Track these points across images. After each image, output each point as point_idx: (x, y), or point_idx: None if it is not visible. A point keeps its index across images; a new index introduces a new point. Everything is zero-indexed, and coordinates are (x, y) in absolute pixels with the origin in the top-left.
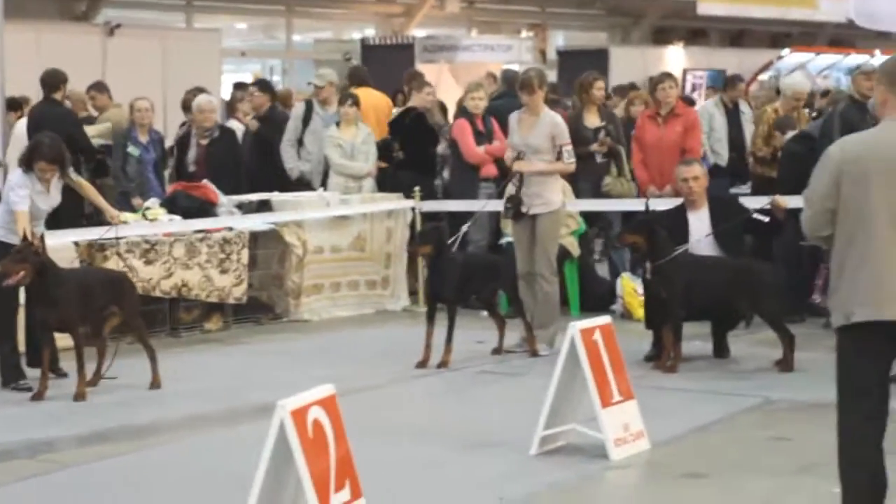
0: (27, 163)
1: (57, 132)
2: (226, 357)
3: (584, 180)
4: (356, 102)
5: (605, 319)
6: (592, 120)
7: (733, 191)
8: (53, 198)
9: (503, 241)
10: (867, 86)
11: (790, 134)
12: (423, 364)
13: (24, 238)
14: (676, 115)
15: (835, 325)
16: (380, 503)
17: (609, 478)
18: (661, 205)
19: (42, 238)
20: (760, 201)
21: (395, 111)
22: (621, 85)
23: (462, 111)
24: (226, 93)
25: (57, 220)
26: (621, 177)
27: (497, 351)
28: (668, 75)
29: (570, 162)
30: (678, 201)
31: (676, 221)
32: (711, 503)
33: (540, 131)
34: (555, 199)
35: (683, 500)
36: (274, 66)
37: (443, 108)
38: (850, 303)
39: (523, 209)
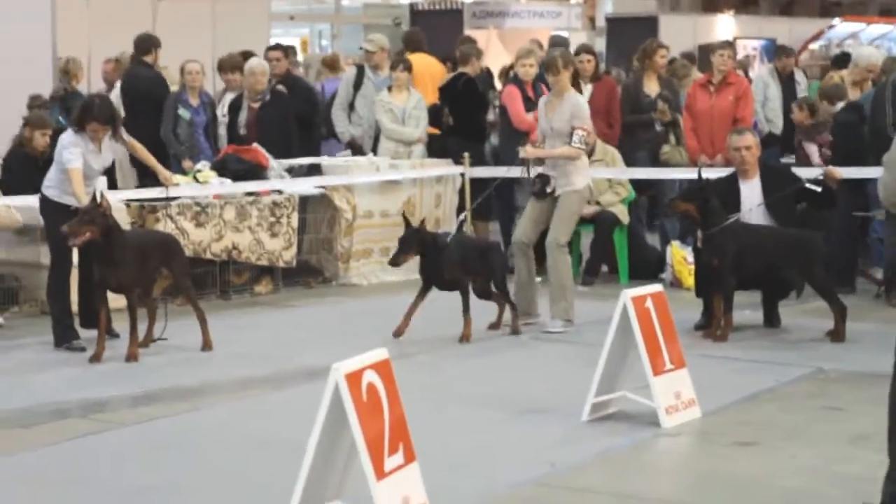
0: (79, 123)
1: (148, 95)
2: (276, 320)
3: (642, 148)
4: (408, 67)
5: (656, 287)
6: (652, 87)
7: (784, 160)
8: (106, 158)
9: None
10: None
11: (839, 105)
12: (398, 333)
13: (94, 199)
14: (729, 84)
15: None
16: (431, 467)
17: (660, 445)
18: (713, 173)
19: (105, 198)
20: (814, 171)
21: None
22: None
23: (512, 77)
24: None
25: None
26: (679, 146)
27: (495, 326)
28: (728, 43)
29: (576, 146)
30: (730, 170)
31: (728, 190)
32: (760, 471)
33: (562, 113)
34: (578, 181)
35: (733, 468)
36: (323, 30)
37: (489, 75)
38: None
39: (548, 189)
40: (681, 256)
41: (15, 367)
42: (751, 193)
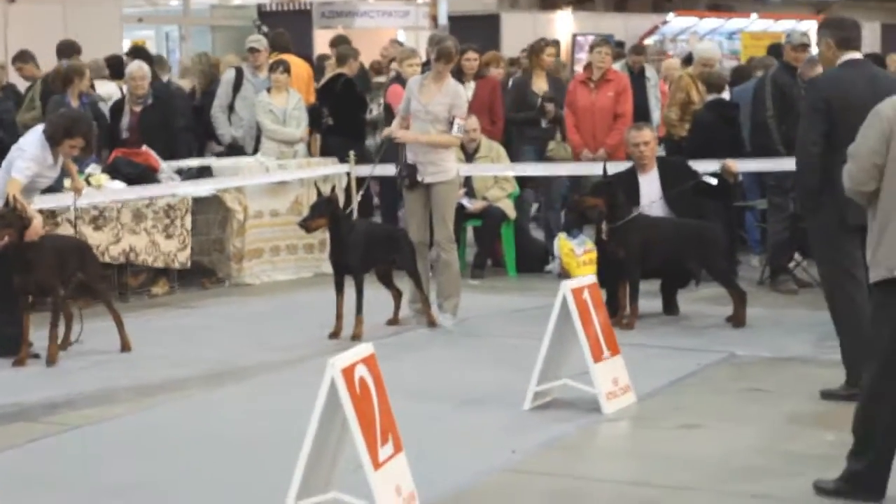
0: (65, 135)
1: None
2: (181, 321)
3: (529, 145)
4: (287, 69)
5: (591, 279)
6: (540, 85)
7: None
8: (56, 172)
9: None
10: (794, 56)
11: (712, 97)
12: (335, 335)
13: (7, 202)
14: (608, 80)
15: (874, 280)
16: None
17: (608, 430)
18: (596, 168)
19: (19, 201)
20: (711, 165)
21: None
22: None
23: (395, 77)
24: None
25: None
26: (565, 142)
27: (393, 322)
28: (604, 41)
29: (457, 135)
30: (619, 165)
31: (628, 184)
32: (712, 451)
33: (442, 100)
34: (450, 167)
35: (686, 450)
36: (169, 31)
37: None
38: (893, 257)
39: (419, 178)
40: (568, 248)
41: None
42: (650, 187)
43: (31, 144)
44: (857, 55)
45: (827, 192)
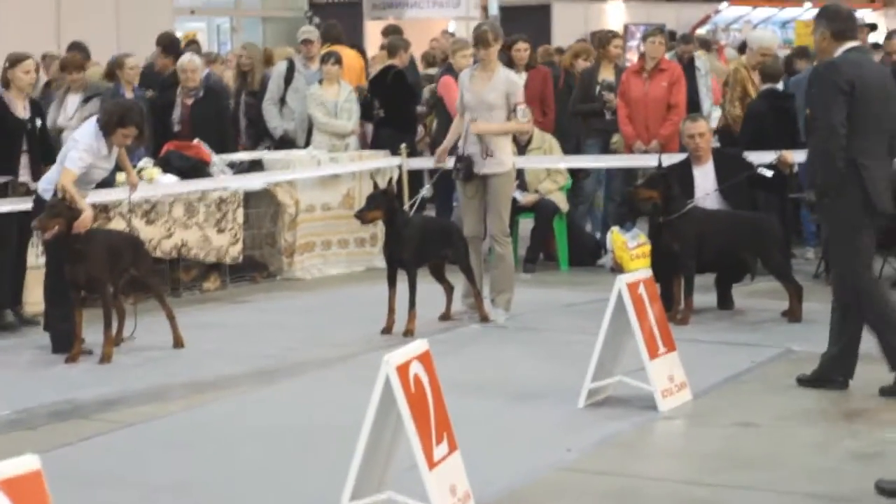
0: (118, 124)
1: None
2: (232, 316)
3: (594, 138)
4: (339, 61)
5: (646, 273)
6: (607, 77)
7: None
8: (111, 162)
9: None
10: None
11: (767, 86)
12: (387, 330)
13: (55, 193)
14: (661, 70)
15: None
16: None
17: (664, 428)
18: (650, 160)
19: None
20: (766, 156)
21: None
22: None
23: (447, 68)
24: None
25: None
26: None
27: (445, 317)
28: (658, 30)
29: (525, 121)
30: (673, 156)
31: (682, 177)
32: (770, 450)
33: (495, 88)
34: (506, 159)
35: (742, 448)
36: (221, 24)
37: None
38: None
39: (475, 169)
40: (621, 242)
41: None
42: (704, 179)
43: (84, 135)
44: (857, 43)
45: (852, 177)
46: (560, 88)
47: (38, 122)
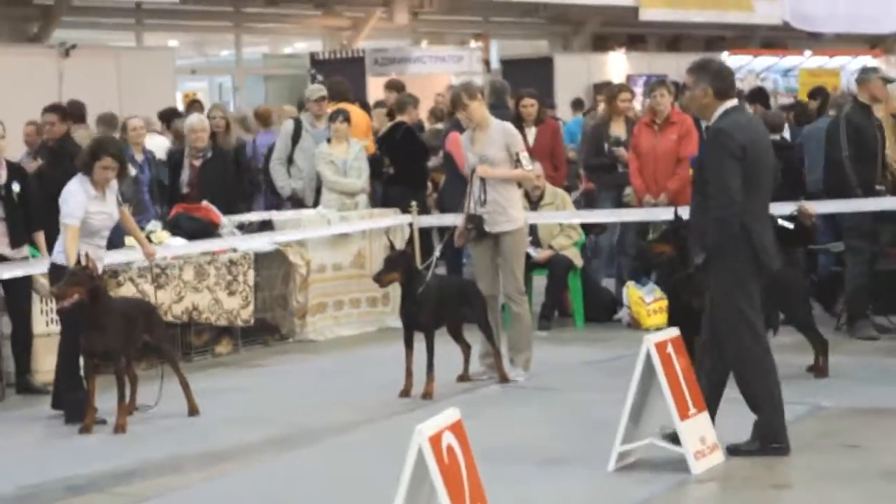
0: (91, 158)
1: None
2: (246, 381)
3: (606, 190)
4: (347, 118)
5: (674, 332)
6: (618, 131)
7: None
8: (111, 208)
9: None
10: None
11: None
12: (405, 393)
13: (79, 260)
14: (672, 123)
15: None
16: None
17: (698, 492)
18: (663, 213)
19: (91, 259)
20: (787, 208)
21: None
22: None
23: (454, 124)
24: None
25: None
26: None
27: (463, 378)
28: (661, 82)
29: (529, 168)
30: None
31: None
32: None
33: (493, 143)
34: (518, 215)
35: None
36: (223, 82)
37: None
38: None
39: (486, 228)
40: (637, 297)
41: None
42: None
43: (69, 186)
44: (735, 102)
45: (743, 239)
46: None
47: (17, 188)
